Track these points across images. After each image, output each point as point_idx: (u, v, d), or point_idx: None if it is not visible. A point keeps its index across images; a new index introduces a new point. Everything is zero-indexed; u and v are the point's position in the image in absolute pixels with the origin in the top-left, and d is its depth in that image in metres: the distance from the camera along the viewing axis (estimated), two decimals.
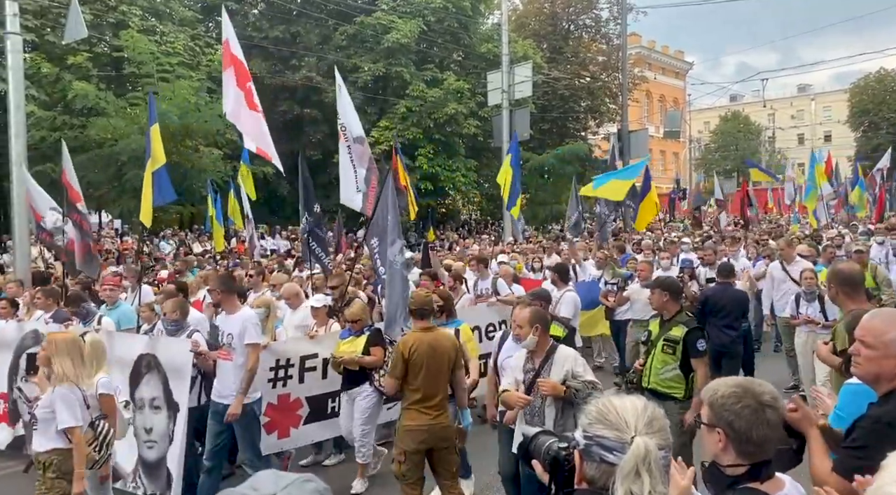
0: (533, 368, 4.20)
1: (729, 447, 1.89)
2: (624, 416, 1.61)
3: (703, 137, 65.96)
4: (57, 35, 17.41)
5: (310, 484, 1.15)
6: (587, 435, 1.64)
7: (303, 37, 26.65)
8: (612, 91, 34.69)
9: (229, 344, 5.33)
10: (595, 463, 1.61)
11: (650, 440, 1.55)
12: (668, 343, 5.04)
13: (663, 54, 60.04)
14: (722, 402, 1.91)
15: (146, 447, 5.60)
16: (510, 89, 21.89)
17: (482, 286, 9.03)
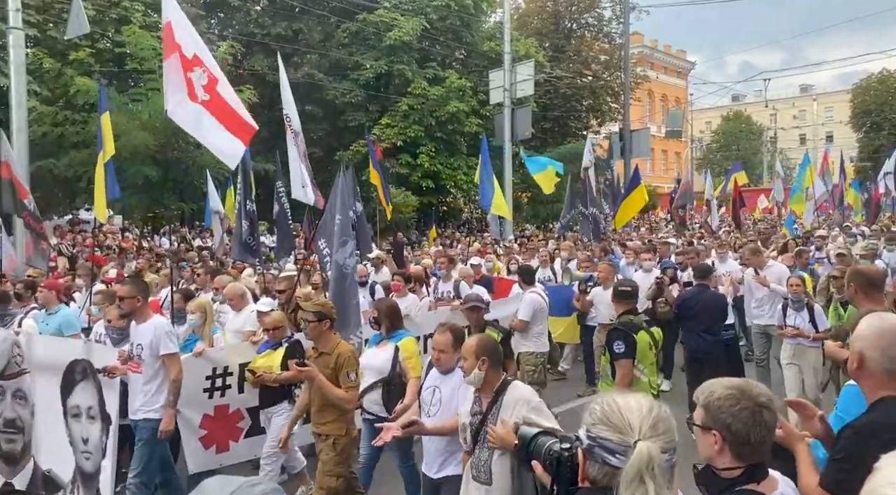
0: (480, 411, 3.48)
1: (725, 449, 1.88)
2: (628, 418, 1.58)
3: (705, 137, 65.93)
4: (59, 30, 17.41)
5: (258, 488, 1.13)
6: (590, 436, 1.62)
7: (305, 34, 26.63)
8: (613, 90, 34.65)
9: (139, 355, 4.96)
10: (598, 464, 1.60)
11: (654, 445, 1.53)
12: (604, 346, 5.08)
13: (665, 54, 59.98)
14: (719, 405, 1.89)
15: (84, 458, 5.26)
16: (512, 88, 21.89)
17: (443, 289, 8.46)
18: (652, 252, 10.48)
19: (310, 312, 4.64)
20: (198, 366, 5.50)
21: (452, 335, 3.98)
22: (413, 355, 5.06)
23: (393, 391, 4.92)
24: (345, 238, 5.95)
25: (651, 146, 29.49)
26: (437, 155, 26.17)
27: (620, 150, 24.97)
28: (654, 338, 5.04)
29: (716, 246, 12.93)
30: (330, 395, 4.44)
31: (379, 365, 5.01)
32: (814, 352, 6.82)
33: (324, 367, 4.51)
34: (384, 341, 5.16)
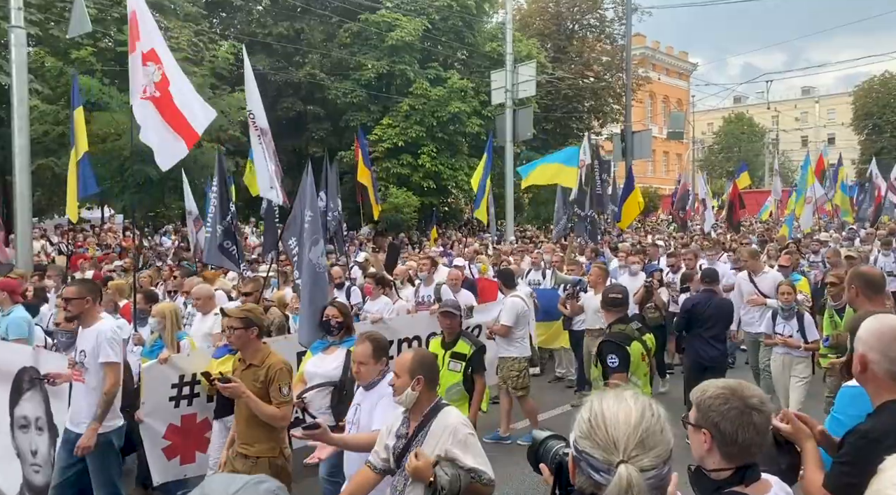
0: (406, 434, 3.11)
1: (714, 449, 1.88)
2: (613, 436, 1.51)
3: (707, 139, 65.92)
4: (61, 29, 17.41)
5: (262, 485, 1.12)
6: (577, 449, 1.58)
7: (307, 34, 26.64)
8: (615, 91, 34.64)
9: (81, 362, 4.60)
10: (584, 476, 1.56)
11: (635, 469, 1.46)
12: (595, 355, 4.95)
13: (668, 55, 59.99)
14: (709, 403, 1.90)
15: (32, 471, 4.95)
16: (514, 88, 21.88)
17: (424, 293, 8.12)
18: (640, 254, 10.25)
19: (235, 318, 4.21)
20: (163, 374, 5.23)
21: (372, 345, 3.66)
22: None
23: (344, 397, 4.56)
24: (316, 236, 5.69)
25: (652, 147, 29.42)
26: (439, 155, 26.17)
27: (622, 152, 24.93)
28: (646, 347, 4.87)
29: (705, 247, 12.73)
30: (259, 413, 3.97)
31: (327, 371, 4.77)
32: (802, 363, 6.64)
33: (252, 381, 4.06)
34: (332, 347, 4.93)
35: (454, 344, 5.50)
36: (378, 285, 7.81)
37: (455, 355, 5.42)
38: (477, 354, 5.43)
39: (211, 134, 18.89)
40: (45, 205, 20.37)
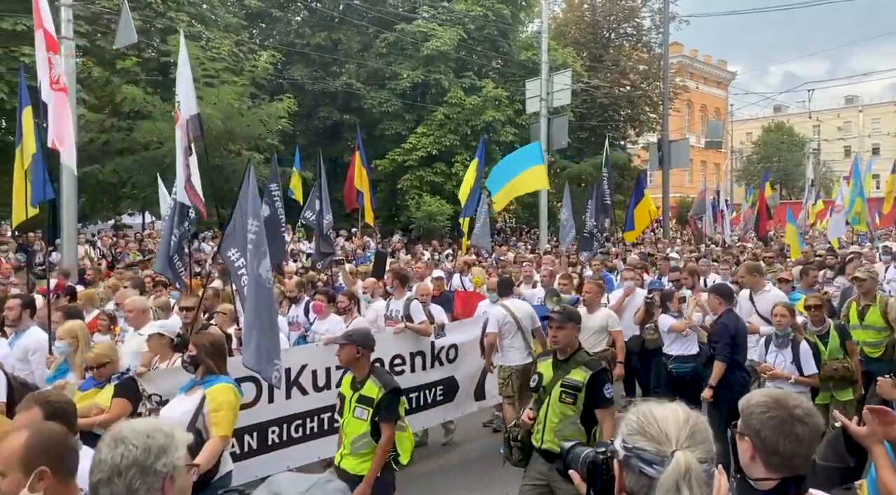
0: None
1: (757, 458, 1.87)
2: (665, 429, 1.55)
3: (745, 148, 64.78)
4: (108, 40, 17.94)
5: (331, 484, 1.14)
6: (626, 446, 1.60)
7: (344, 44, 26.98)
8: (652, 100, 34.29)
9: None
10: (634, 474, 1.57)
11: (691, 455, 1.50)
12: (567, 389, 4.03)
13: (705, 64, 59.21)
14: (751, 410, 1.90)
15: None
16: (549, 97, 21.81)
17: (393, 307, 7.36)
18: (640, 269, 9.63)
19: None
20: None
21: (41, 410, 2.72)
22: (224, 407, 3.92)
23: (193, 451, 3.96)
24: (264, 248, 5.07)
25: (690, 157, 29.05)
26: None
27: (659, 161, 24.66)
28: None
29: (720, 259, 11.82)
30: None
31: (178, 417, 3.93)
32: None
33: None
34: (196, 387, 4.08)
35: (363, 384, 4.35)
36: (329, 302, 7.05)
37: (361, 399, 4.29)
38: (387, 398, 4.22)
39: (249, 142, 19.27)
40: (90, 211, 20.92)
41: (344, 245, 21.10)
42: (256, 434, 5.51)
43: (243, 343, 5.15)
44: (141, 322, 5.78)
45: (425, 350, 6.87)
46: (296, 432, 5.75)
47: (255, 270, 5.03)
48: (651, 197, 36.57)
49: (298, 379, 5.83)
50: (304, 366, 5.85)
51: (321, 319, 6.94)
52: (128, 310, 6.00)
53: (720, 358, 5.93)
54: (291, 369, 5.73)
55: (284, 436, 5.69)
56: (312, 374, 5.92)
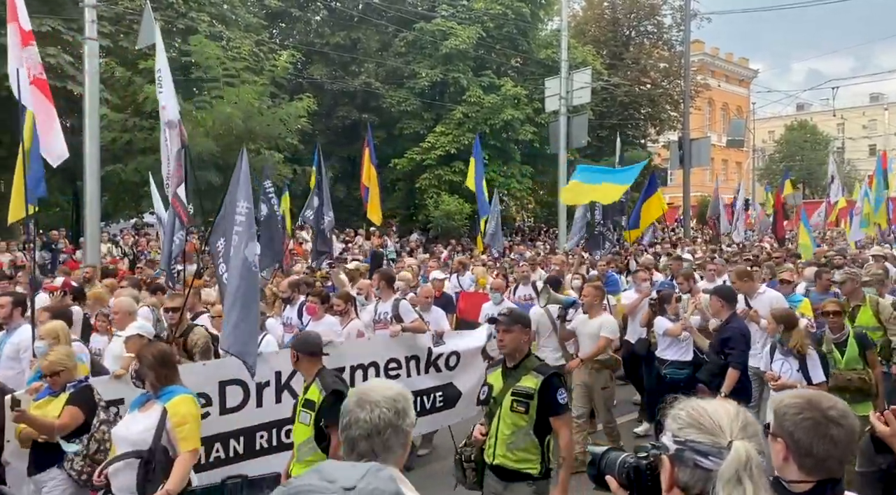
0: None
1: (790, 459, 1.83)
2: (718, 421, 1.56)
3: (768, 147, 64.00)
4: (130, 40, 18.13)
5: (382, 472, 1.15)
6: (678, 440, 1.58)
7: (363, 43, 27.05)
8: (673, 98, 34.01)
9: None
10: (689, 468, 1.55)
11: (750, 444, 1.49)
12: (518, 398, 3.77)
13: (727, 61, 58.57)
14: (784, 411, 1.86)
15: None
16: (568, 95, 21.69)
17: (382, 310, 7.05)
18: (651, 270, 9.30)
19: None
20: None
21: None
22: (188, 419, 3.73)
23: (154, 470, 3.64)
24: (252, 231, 4.91)
25: (711, 156, 28.74)
26: (491, 163, 26.16)
27: (679, 160, 24.42)
28: None
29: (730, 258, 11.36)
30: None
31: (136, 436, 3.67)
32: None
33: None
34: (150, 402, 3.81)
35: (307, 389, 4.25)
36: (323, 303, 6.81)
37: (305, 403, 4.18)
38: (328, 401, 3.98)
39: (270, 141, 19.37)
40: (113, 209, 21.19)
41: (363, 244, 21.16)
42: (243, 438, 5.26)
43: (223, 326, 4.87)
44: (125, 324, 5.50)
45: (420, 355, 6.58)
46: (287, 437, 5.41)
47: (242, 251, 4.81)
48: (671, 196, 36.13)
49: (290, 382, 5.53)
50: (295, 370, 5.49)
51: (315, 321, 6.68)
52: (113, 311, 5.79)
53: (735, 365, 5.70)
54: (282, 372, 5.48)
55: (274, 441, 5.45)
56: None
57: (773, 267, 9.91)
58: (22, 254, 15.09)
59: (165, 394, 3.77)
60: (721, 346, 5.86)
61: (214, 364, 5.44)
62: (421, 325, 6.63)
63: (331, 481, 1.10)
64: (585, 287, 7.20)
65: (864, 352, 5.61)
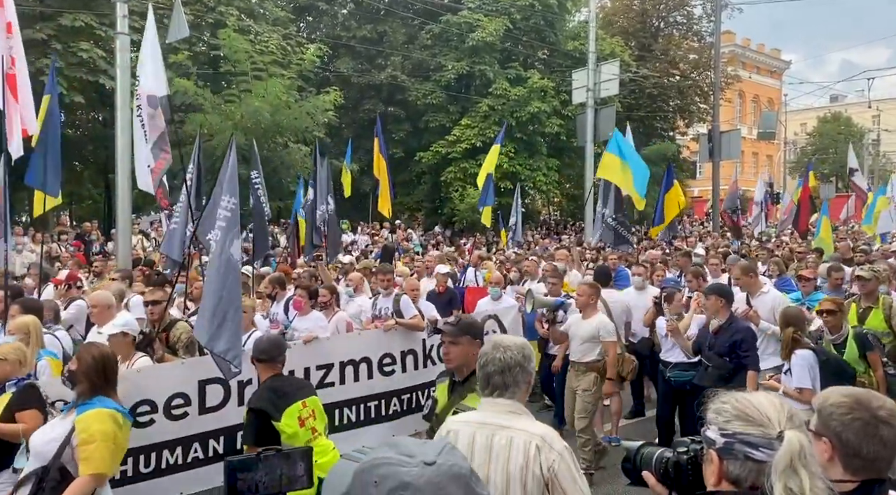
0: None
1: (836, 459, 1.79)
2: (765, 412, 1.55)
3: (800, 140, 62.77)
4: (161, 35, 18.33)
5: (456, 451, 1.16)
6: (726, 433, 1.57)
7: (389, 36, 27.07)
8: (703, 90, 33.50)
9: None
10: (739, 461, 1.54)
11: (802, 433, 1.49)
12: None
13: (758, 52, 57.51)
14: (830, 411, 1.82)
15: None
16: (596, 88, 21.47)
17: (382, 305, 6.98)
18: (659, 265, 8.95)
19: None
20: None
21: None
22: (96, 438, 3.25)
23: (47, 488, 3.20)
24: (237, 229, 4.78)
25: (741, 148, 28.26)
26: (517, 156, 26.04)
27: (709, 152, 24.06)
28: None
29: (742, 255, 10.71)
30: None
31: (41, 446, 3.30)
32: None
33: None
34: (72, 411, 3.42)
35: None
36: (311, 298, 6.58)
37: None
38: (246, 418, 3.73)
39: (297, 134, 19.51)
40: (143, 202, 21.55)
41: (389, 237, 21.24)
42: (223, 438, 5.04)
43: (207, 328, 4.55)
44: (105, 319, 5.10)
45: (417, 348, 6.37)
46: None
47: (227, 250, 4.64)
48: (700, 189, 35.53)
49: None
50: None
51: (302, 316, 6.46)
52: (91, 305, 5.41)
53: (755, 368, 5.46)
54: None
55: None
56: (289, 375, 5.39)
57: (780, 263, 9.40)
58: (56, 246, 15.40)
59: (83, 406, 3.35)
60: (731, 349, 5.45)
61: (193, 362, 5.23)
62: (419, 323, 6.44)
63: (409, 455, 1.10)
64: (579, 285, 6.71)
65: (865, 354, 5.23)
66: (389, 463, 1.09)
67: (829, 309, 5.46)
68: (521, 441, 2.46)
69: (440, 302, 8.01)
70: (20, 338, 4.48)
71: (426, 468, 1.07)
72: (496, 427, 2.52)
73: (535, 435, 2.46)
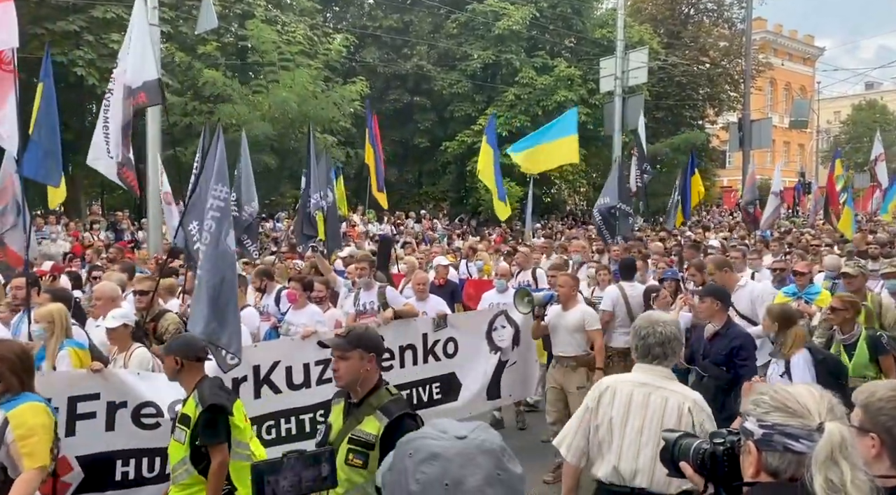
0: None
1: (884, 455, 1.77)
2: (805, 404, 1.54)
3: (833, 128, 61.45)
4: (190, 26, 18.54)
5: (492, 430, 1.21)
6: (765, 425, 1.56)
7: (415, 25, 27.02)
8: (733, 78, 32.93)
9: None
10: (778, 452, 1.54)
11: (842, 425, 1.48)
12: (355, 447, 2.85)
13: (791, 39, 56.27)
14: (879, 406, 1.79)
15: None
16: (624, 76, 21.23)
17: (365, 299, 6.48)
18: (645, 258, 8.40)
19: None
20: None
21: None
22: (37, 432, 3.17)
23: None
24: (230, 219, 4.64)
25: (773, 137, 27.77)
26: None
27: (739, 141, 23.69)
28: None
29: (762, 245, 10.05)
30: None
31: None
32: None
33: None
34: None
35: (185, 402, 3.67)
36: (305, 290, 6.31)
37: (181, 419, 3.59)
38: (203, 417, 3.43)
39: (324, 125, 19.62)
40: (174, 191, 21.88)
41: (414, 227, 21.30)
42: None
43: (206, 320, 4.39)
44: (108, 311, 4.96)
45: (416, 343, 6.05)
46: (267, 434, 5.08)
47: (224, 241, 4.45)
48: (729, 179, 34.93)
49: (269, 377, 5.18)
50: (276, 363, 5.22)
51: (297, 309, 6.20)
52: (95, 297, 5.32)
53: (749, 378, 4.92)
54: (261, 367, 5.13)
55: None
56: (287, 371, 5.25)
57: (804, 256, 8.88)
58: (89, 235, 15.71)
59: (11, 402, 3.21)
60: (728, 357, 4.79)
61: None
62: (412, 308, 6.20)
63: (443, 431, 1.17)
64: (560, 276, 6.37)
65: (877, 358, 4.81)
66: (424, 436, 1.17)
67: (836, 306, 5.02)
68: (675, 401, 2.92)
69: (441, 294, 7.69)
70: (45, 327, 4.49)
71: (457, 441, 1.14)
72: (653, 387, 2.97)
73: (688, 398, 2.96)
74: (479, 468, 1.11)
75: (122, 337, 4.64)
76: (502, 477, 1.12)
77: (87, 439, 4.30)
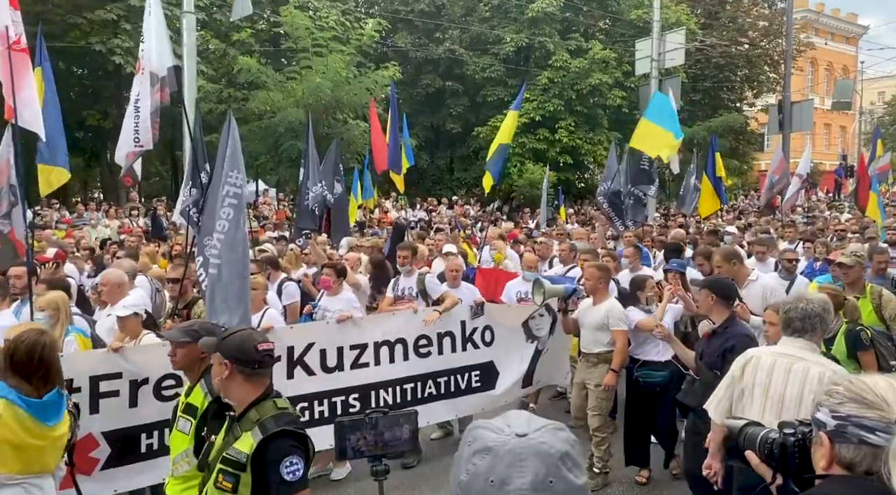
0: None
1: None
2: (882, 395, 1.48)
3: (877, 109, 59.57)
4: (224, 13, 18.66)
5: (562, 433, 1.14)
6: (839, 416, 1.51)
7: (447, 9, 26.81)
8: (772, 59, 32.05)
9: None
10: (853, 445, 1.49)
11: None
12: (226, 467, 2.54)
13: (833, 17, 54.57)
14: None
15: None
16: (660, 58, 20.78)
17: (404, 285, 6.51)
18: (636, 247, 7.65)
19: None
20: None
21: None
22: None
23: None
24: (244, 206, 4.74)
25: (814, 119, 27.01)
26: (577, 129, 25.54)
27: (779, 124, 23.08)
28: None
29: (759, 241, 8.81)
30: None
31: None
32: None
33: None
34: None
35: (191, 391, 3.39)
36: (339, 277, 6.26)
37: (186, 408, 3.33)
38: (213, 408, 3.15)
39: (357, 110, 19.63)
40: None
41: (445, 212, 21.27)
42: None
43: (222, 304, 4.52)
44: (116, 298, 5.00)
45: (455, 330, 6.13)
46: (301, 415, 5.01)
47: (242, 228, 4.58)
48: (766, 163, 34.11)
49: (304, 358, 5.29)
50: (310, 345, 5.35)
51: (331, 296, 6.17)
52: (102, 284, 5.35)
53: None
54: (295, 347, 5.25)
55: None
56: (321, 354, 5.38)
57: (827, 244, 8.39)
58: (129, 221, 15.99)
59: None
60: (721, 359, 4.26)
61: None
62: (454, 300, 6.13)
63: (507, 425, 1.13)
64: (587, 267, 5.95)
65: (856, 353, 4.55)
66: (486, 426, 1.13)
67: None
68: (816, 371, 3.12)
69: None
70: (50, 314, 4.52)
71: (514, 438, 1.10)
72: (795, 358, 3.22)
73: (828, 368, 3.15)
74: (528, 470, 1.06)
75: (133, 325, 4.66)
76: (554, 485, 1.06)
77: (112, 416, 4.45)
